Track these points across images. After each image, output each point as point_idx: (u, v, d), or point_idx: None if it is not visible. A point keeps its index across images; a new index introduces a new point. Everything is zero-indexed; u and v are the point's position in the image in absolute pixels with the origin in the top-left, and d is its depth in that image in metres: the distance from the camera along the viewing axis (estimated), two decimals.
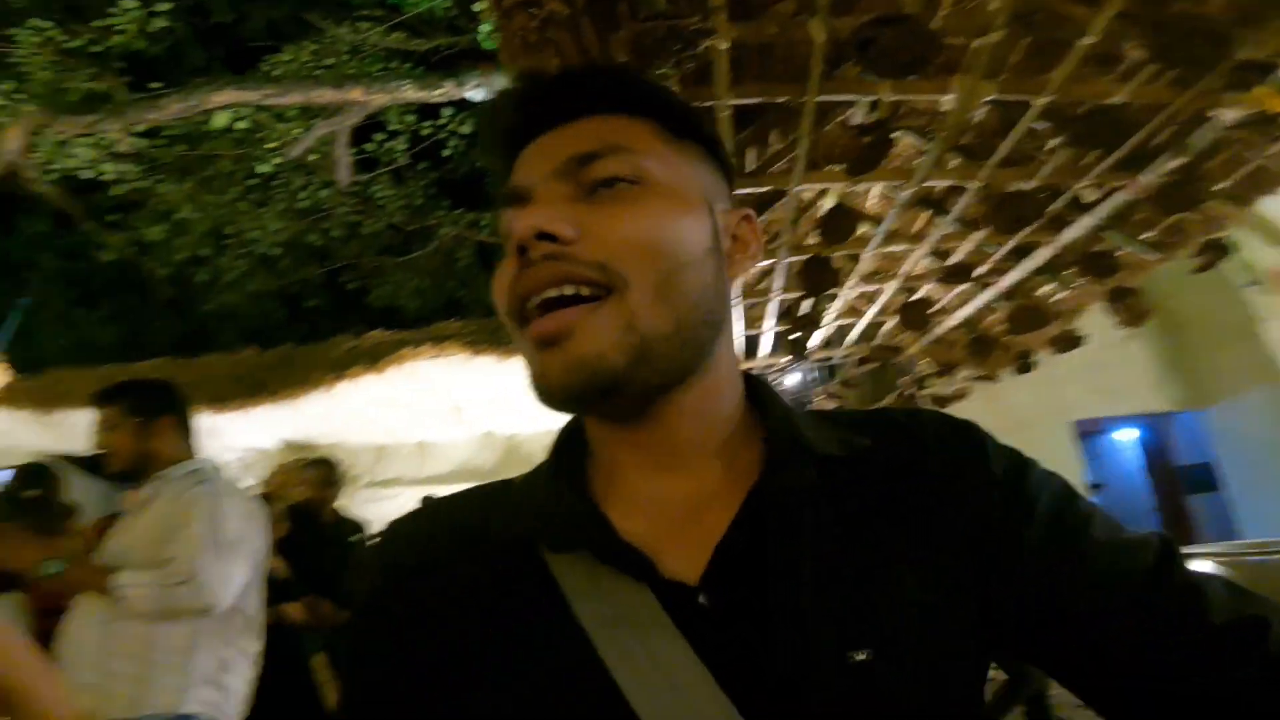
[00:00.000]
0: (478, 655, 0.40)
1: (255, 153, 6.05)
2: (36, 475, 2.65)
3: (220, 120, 5.54)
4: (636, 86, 0.48)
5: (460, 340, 4.56)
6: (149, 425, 1.62)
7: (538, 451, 5.15)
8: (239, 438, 5.30)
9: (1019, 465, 0.45)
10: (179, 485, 1.58)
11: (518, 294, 0.41)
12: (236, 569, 1.51)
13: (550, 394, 0.40)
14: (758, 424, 0.47)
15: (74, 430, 3.93)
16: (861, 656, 0.37)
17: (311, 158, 5.87)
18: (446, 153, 6.72)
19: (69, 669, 1.44)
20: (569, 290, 0.39)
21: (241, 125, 5.82)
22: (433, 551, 0.45)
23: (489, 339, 4.48)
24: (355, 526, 2.87)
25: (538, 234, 0.39)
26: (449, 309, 7.75)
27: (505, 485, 0.49)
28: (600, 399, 0.40)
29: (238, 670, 1.56)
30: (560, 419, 0.48)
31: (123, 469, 1.63)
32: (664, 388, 0.41)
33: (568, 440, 0.48)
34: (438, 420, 5.43)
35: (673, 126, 0.47)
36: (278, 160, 5.95)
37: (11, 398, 5.62)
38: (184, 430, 1.69)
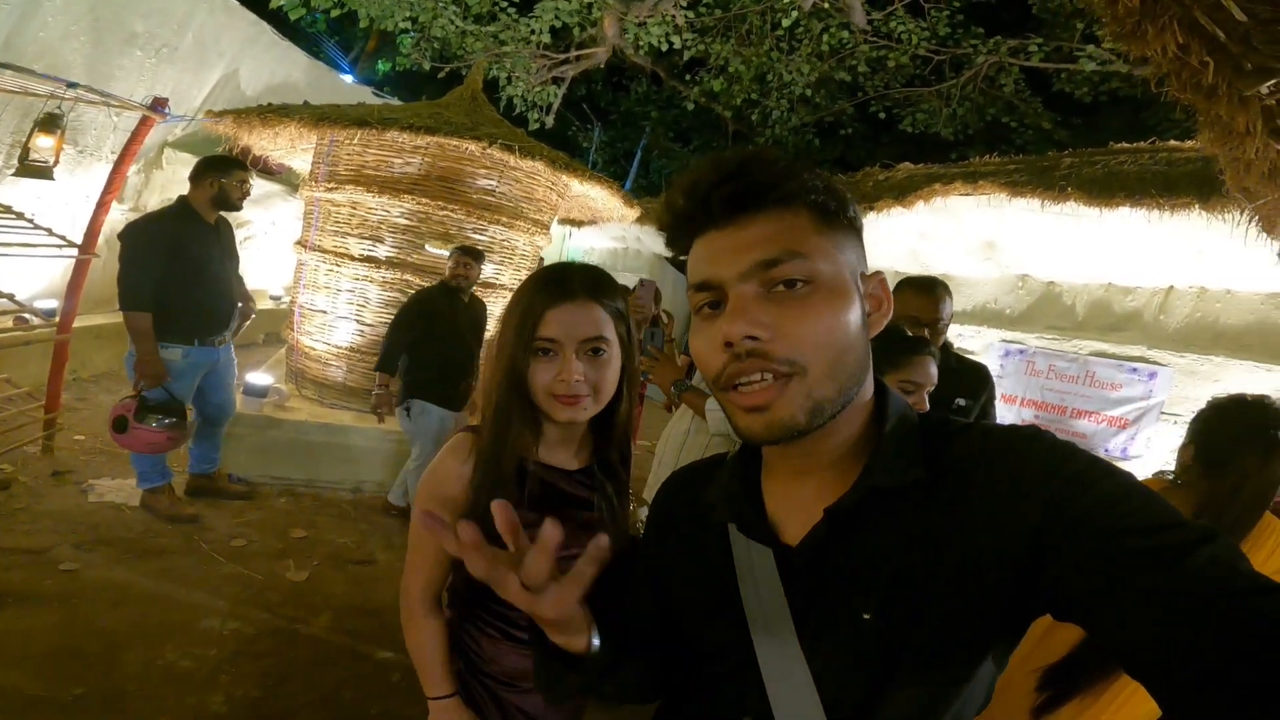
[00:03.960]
0: (682, 556, 0.70)
1: (778, 5, 6.44)
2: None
3: None
4: (795, 180, 0.55)
5: (998, 180, 4.04)
6: None
7: (1079, 304, 4.42)
8: None
9: (1057, 474, 0.50)
10: None
11: (727, 375, 0.56)
12: None
13: (754, 439, 0.57)
14: (874, 438, 0.59)
15: None
16: (867, 616, 0.54)
17: (824, 4, 6.07)
18: None
19: (658, 457, 2.11)
20: (768, 377, 0.54)
21: None
22: (681, 494, 0.74)
23: (1034, 179, 3.85)
24: None
25: (745, 337, 0.53)
26: (991, 135, 6.84)
27: (719, 461, 0.73)
28: (785, 441, 0.56)
29: None
30: None
31: None
32: (821, 426, 0.56)
33: (749, 448, 0.67)
34: (966, 255, 5.12)
35: (823, 214, 0.55)
36: (794, 13, 6.28)
37: (643, 217, 7.66)
38: None
